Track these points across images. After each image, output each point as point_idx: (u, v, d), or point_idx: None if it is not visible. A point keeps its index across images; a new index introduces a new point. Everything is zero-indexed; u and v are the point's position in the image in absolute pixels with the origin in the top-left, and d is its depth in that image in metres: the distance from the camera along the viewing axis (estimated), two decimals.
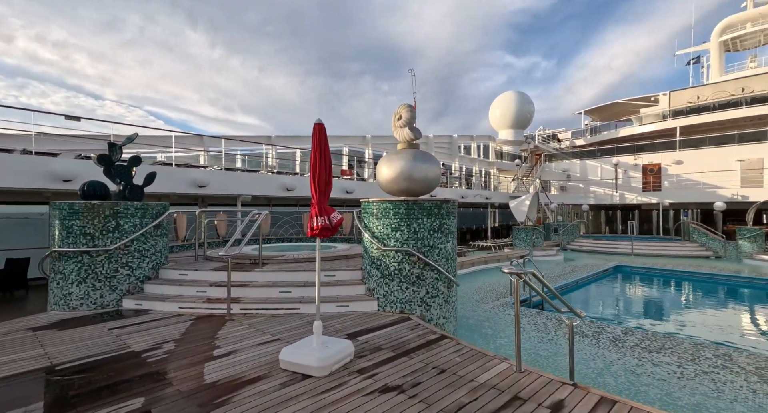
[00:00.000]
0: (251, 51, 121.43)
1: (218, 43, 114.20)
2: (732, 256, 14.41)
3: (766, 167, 20.30)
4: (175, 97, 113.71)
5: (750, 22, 28.59)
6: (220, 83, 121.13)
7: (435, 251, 5.04)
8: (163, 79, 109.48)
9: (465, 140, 26.43)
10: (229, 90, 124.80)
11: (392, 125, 5.68)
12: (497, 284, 9.34)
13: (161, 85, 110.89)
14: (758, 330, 6.93)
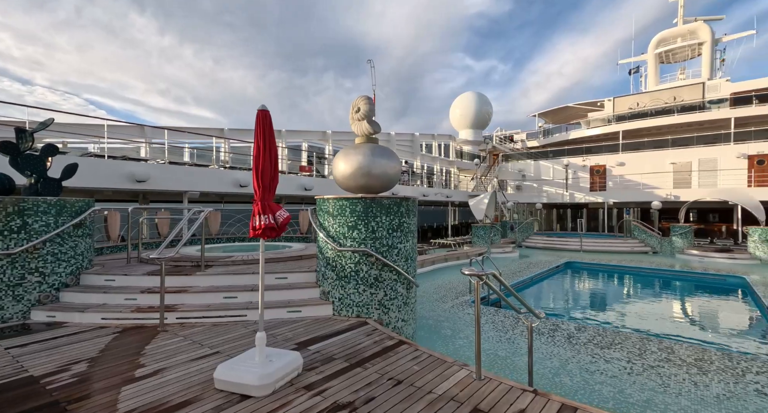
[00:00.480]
0: (206, 41, 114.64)
1: (169, 30, 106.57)
2: (667, 251, 15.65)
3: (694, 169, 22.34)
4: (119, 85, 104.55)
5: (680, 37, 31.31)
6: (171, 73, 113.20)
7: (394, 251, 4.81)
8: (106, 66, 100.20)
9: (427, 138, 26.64)
10: (182, 81, 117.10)
11: (350, 118, 5.37)
12: (457, 283, 9.34)
13: (103, 72, 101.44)
14: (691, 320, 7.43)
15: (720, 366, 4.25)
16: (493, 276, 3.06)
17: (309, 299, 4.89)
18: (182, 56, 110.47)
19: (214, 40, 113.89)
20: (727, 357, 4.53)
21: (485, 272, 2.99)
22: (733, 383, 3.85)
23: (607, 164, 24.98)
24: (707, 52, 29.59)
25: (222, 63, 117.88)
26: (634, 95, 30.24)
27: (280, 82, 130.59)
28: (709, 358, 4.49)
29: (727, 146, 21.95)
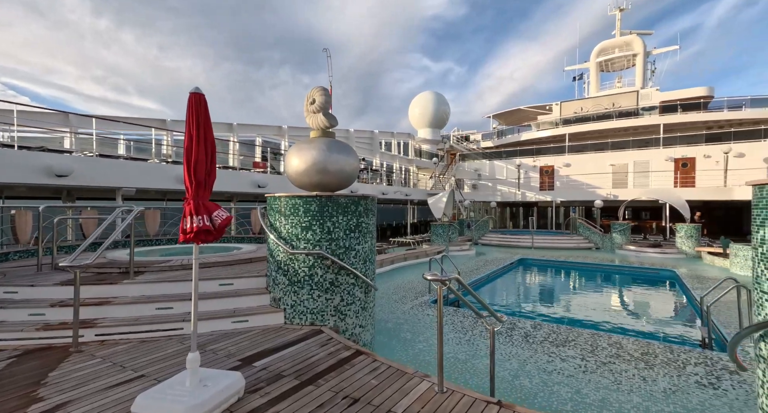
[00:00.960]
0: (149, 25, 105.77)
1: (105, 11, 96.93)
2: (608, 247, 16.80)
3: (630, 171, 24.25)
4: (45, 69, 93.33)
5: (617, 48, 33.89)
6: (108, 59, 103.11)
7: (351, 253, 4.51)
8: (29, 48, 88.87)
9: (386, 136, 26.52)
10: (121, 68, 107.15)
11: (305, 111, 4.98)
12: (416, 282, 9.24)
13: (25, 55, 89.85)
14: (632, 313, 7.90)
15: (663, 360, 4.44)
16: (456, 281, 2.88)
17: (258, 307, 4.45)
18: (121, 41, 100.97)
19: (159, 25, 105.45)
20: (669, 349, 4.77)
21: (448, 276, 2.80)
22: (676, 376, 4.01)
23: (555, 164, 26.41)
24: (640, 63, 32.25)
25: (168, 51, 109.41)
26: (579, 100, 32.28)
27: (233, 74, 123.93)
28: (653, 352, 4.69)
29: (657, 149, 24.04)
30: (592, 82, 34.95)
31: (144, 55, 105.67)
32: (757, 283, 2.01)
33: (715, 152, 21.84)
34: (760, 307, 1.99)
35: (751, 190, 2.13)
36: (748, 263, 10.39)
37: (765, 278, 1.91)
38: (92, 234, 4.10)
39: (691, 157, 22.84)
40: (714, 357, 4.53)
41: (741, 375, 4.02)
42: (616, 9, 35.19)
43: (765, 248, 1.91)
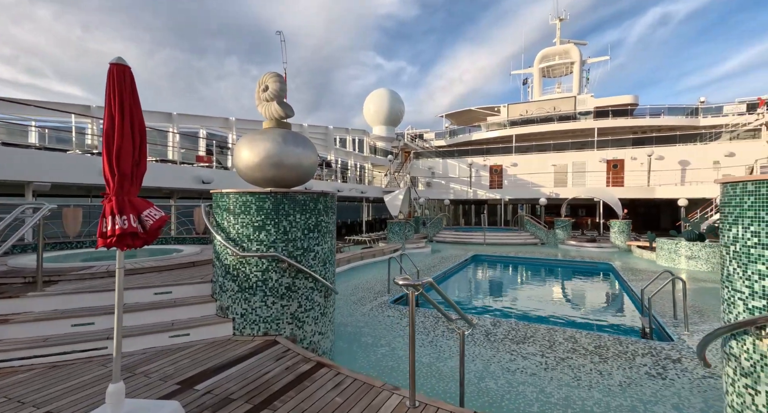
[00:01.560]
0: (70, 2, 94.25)
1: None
2: (551, 242, 17.87)
3: (569, 171, 26.07)
4: None
5: (557, 56, 36.29)
6: (20, 36, 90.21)
7: (310, 254, 4.15)
8: None
9: (340, 132, 25.99)
10: (37, 48, 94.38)
11: (256, 99, 4.51)
12: (374, 282, 9.02)
13: None
14: (579, 305, 8.34)
15: (614, 352, 4.63)
16: (429, 284, 2.68)
17: (202, 317, 3.94)
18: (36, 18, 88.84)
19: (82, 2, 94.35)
20: (618, 341, 5.00)
21: (421, 280, 2.58)
22: (628, 368, 4.18)
23: (504, 164, 27.66)
24: (577, 71, 34.78)
25: (93, 31, 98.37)
26: (524, 103, 34.09)
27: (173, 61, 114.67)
28: (605, 344, 4.89)
29: (592, 151, 26.08)
30: (535, 87, 37.10)
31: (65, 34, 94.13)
32: (728, 281, 2.02)
33: (640, 154, 24.16)
34: (731, 305, 1.99)
35: (720, 188, 2.14)
36: (671, 255, 11.52)
37: (738, 277, 1.91)
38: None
39: (620, 159, 25.06)
40: (657, 347, 4.82)
41: (682, 364, 4.29)
42: (556, 19, 37.64)
43: (738, 247, 1.90)
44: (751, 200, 1.84)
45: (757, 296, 1.81)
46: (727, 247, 2.03)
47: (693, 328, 5.57)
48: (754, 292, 1.83)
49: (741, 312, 1.91)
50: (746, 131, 23.65)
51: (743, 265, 1.89)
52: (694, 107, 27.82)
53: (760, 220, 1.79)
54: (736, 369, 1.93)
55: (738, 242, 1.92)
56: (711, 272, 10.43)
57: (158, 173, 10.53)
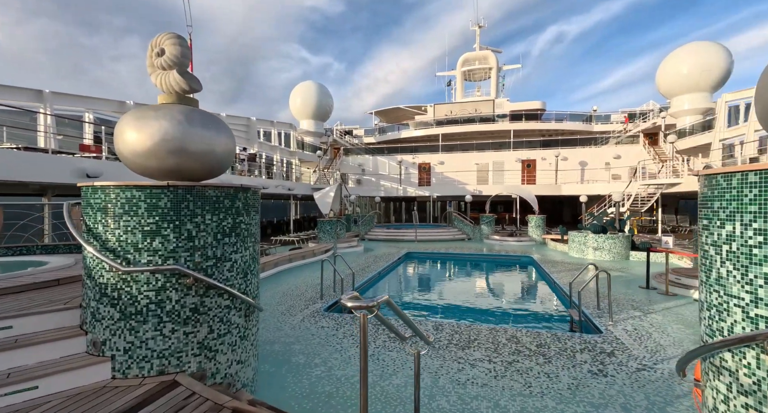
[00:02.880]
0: None
1: None
2: (477, 238, 18.70)
3: (490, 169, 27.79)
4: None
5: (477, 61, 38.60)
6: None
7: (225, 265, 3.30)
8: None
9: (265, 125, 24.14)
10: None
11: (148, 66, 3.49)
12: (305, 287, 8.22)
13: None
14: (510, 300, 8.57)
15: (555, 350, 4.60)
16: (386, 303, 2.11)
17: (62, 359, 2.86)
18: None
19: None
20: (555, 338, 5.02)
21: (375, 300, 2.01)
22: (571, 367, 4.13)
23: (431, 162, 28.43)
24: (494, 76, 37.35)
25: None
26: (449, 104, 35.56)
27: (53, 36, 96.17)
28: (545, 342, 4.86)
29: (509, 152, 28.12)
30: (458, 89, 38.99)
31: None
32: (718, 285, 1.81)
33: (549, 155, 26.69)
34: (723, 312, 1.78)
35: (701, 181, 1.94)
36: (581, 247, 12.66)
37: (735, 281, 1.69)
38: None
39: (533, 159, 27.43)
40: (590, 341, 4.93)
41: (616, 357, 4.40)
42: (476, 25, 39.98)
43: (735, 246, 1.68)
44: (754, 193, 1.61)
45: (762, 303, 1.60)
46: (717, 246, 1.81)
47: (615, 318, 5.91)
48: (758, 299, 1.62)
49: (739, 321, 1.70)
50: (627, 137, 27.52)
51: (742, 267, 1.67)
52: (589, 115, 31.74)
53: (766, 215, 1.56)
54: (732, 385, 1.72)
55: (735, 240, 1.69)
56: (613, 261, 11.67)
57: (22, 164, 8.32)
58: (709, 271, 1.88)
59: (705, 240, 1.92)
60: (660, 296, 7.36)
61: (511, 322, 6.62)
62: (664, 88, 23.59)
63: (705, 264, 1.92)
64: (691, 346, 4.72)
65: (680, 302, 6.91)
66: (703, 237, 1.93)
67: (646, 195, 20.57)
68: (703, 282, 1.95)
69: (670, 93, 23.54)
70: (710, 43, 22.01)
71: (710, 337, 1.88)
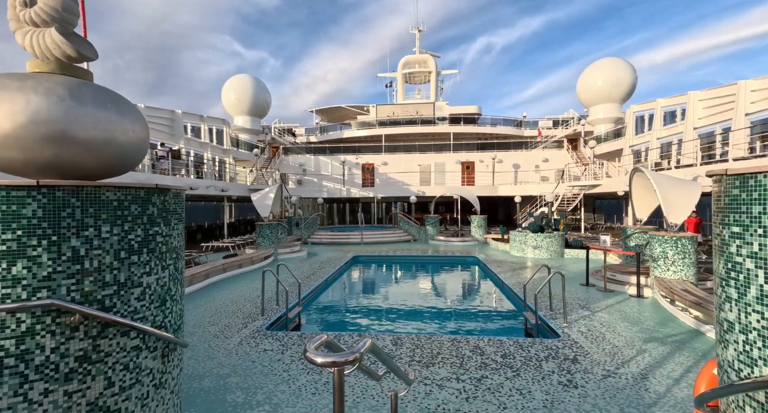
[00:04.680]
0: None
1: None
2: (423, 239, 18.74)
3: (432, 171, 28.32)
4: None
5: (418, 64, 39.36)
6: None
7: (134, 292, 2.46)
8: None
9: (193, 119, 21.83)
10: None
11: (10, 20, 2.53)
12: (243, 300, 7.25)
13: None
14: (466, 305, 8.44)
15: (521, 360, 4.39)
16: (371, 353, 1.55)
17: None
18: None
19: None
20: (518, 345, 4.84)
21: (357, 350, 1.44)
22: (540, 379, 3.92)
23: (375, 163, 28.16)
24: (433, 80, 38.35)
25: None
26: (391, 105, 35.67)
27: None
28: (509, 351, 4.64)
29: (450, 154, 28.93)
30: (399, 91, 39.37)
31: None
32: (762, 305, 1.53)
33: (486, 158, 27.94)
34: (766, 338, 1.50)
35: (719, 182, 1.68)
36: (521, 246, 13.15)
37: None
38: None
39: (471, 161, 28.51)
40: (550, 346, 4.83)
41: (580, 364, 4.30)
42: (415, 29, 40.75)
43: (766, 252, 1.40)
44: None
45: None
46: (758, 258, 1.54)
47: (568, 318, 5.95)
48: None
49: None
50: (553, 142, 29.88)
51: None
52: (520, 120, 33.97)
53: None
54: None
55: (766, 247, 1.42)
56: (551, 258, 12.29)
57: None
58: (744, 287, 1.62)
59: (736, 250, 1.66)
60: (600, 293, 7.71)
61: (463, 323, 6.41)
62: (583, 98, 25.97)
63: (737, 279, 1.66)
64: (643, 346, 4.83)
65: (618, 298, 7.28)
66: (733, 247, 1.68)
67: (571, 196, 22.39)
68: (732, 299, 1.69)
69: (587, 103, 25.97)
70: (619, 60, 24.71)
71: (748, 366, 1.62)
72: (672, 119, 18.64)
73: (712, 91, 15.55)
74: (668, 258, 7.25)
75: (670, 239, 7.26)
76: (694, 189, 7.92)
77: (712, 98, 15.46)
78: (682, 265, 7.16)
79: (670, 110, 18.86)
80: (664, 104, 19.04)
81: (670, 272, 7.24)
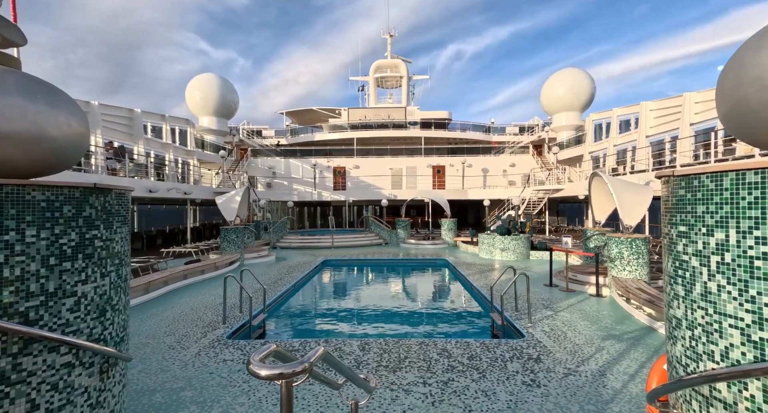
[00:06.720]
0: None
1: None
2: (394, 242, 18.75)
3: (404, 174, 28.48)
4: None
5: (389, 69, 39.62)
6: None
7: (65, 302, 2.23)
8: None
9: (153, 119, 20.77)
10: None
11: None
12: (203, 308, 6.89)
13: None
14: (434, 307, 8.46)
15: (486, 361, 4.41)
16: (321, 360, 1.44)
17: None
18: None
19: None
20: (484, 346, 4.87)
21: (306, 361, 1.33)
22: (505, 380, 3.94)
23: (347, 166, 27.97)
24: (405, 85, 38.73)
25: None
26: (363, 109, 35.66)
27: None
28: (476, 353, 4.65)
29: (421, 157, 29.23)
30: (371, 95, 39.45)
31: None
32: (705, 301, 1.58)
33: (456, 162, 28.45)
34: (714, 334, 1.55)
35: (667, 183, 1.72)
36: (489, 248, 13.42)
37: (730, 298, 1.46)
38: None
39: (442, 165, 28.94)
40: (515, 346, 4.89)
41: (543, 363, 4.37)
42: (387, 34, 41.08)
43: (731, 257, 1.45)
44: (753, 196, 1.39)
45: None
46: (701, 257, 1.59)
47: (533, 318, 6.08)
48: (762, 320, 1.39)
49: (738, 345, 1.47)
50: (519, 148, 30.93)
51: (741, 282, 1.45)
52: (488, 126, 34.92)
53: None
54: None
55: (729, 250, 1.46)
56: (517, 260, 12.61)
57: None
58: (690, 284, 1.67)
59: (682, 249, 1.70)
60: (562, 293, 7.96)
61: (432, 326, 6.40)
62: (546, 106, 27.08)
63: (683, 277, 1.71)
64: (601, 343, 5.00)
65: (579, 298, 7.55)
66: (680, 246, 1.72)
67: (536, 199, 23.20)
68: (680, 297, 1.74)
69: (551, 110, 27.11)
70: (580, 70, 26.01)
71: (694, 361, 1.66)
72: (627, 128, 19.80)
73: (661, 102, 16.66)
74: (624, 258, 7.61)
75: (625, 241, 7.63)
76: (646, 193, 8.38)
77: (662, 109, 16.57)
78: (636, 265, 7.53)
79: (625, 118, 20.02)
80: (619, 113, 20.19)
81: (625, 271, 7.59)
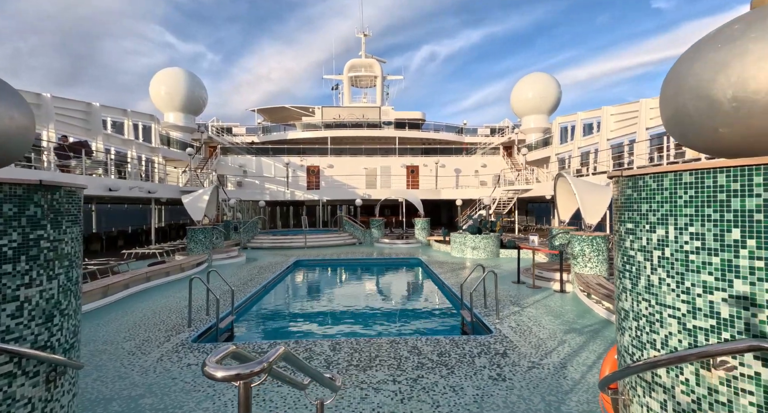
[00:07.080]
0: None
1: None
2: (368, 241, 18.75)
3: (378, 174, 28.54)
4: None
5: (364, 68, 39.55)
6: None
7: (6, 307, 2.08)
8: None
9: (114, 113, 19.70)
10: None
11: None
12: (167, 312, 6.62)
13: None
14: (406, 306, 8.53)
15: (455, 357, 4.50)
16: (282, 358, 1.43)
17: None
18: None
19: None
20: (453, 343, 4.97)
21: (263, 360, 1.32)
22: (472, 375, 4.04)
23: (320, 165, 27.70)
24: (379, 85, 38.80)
25: None
26: (337, 108, 35.42)
27: None
28: (445, 349, 4.74)
29: (395, 157, 29.40)
30: (345, 94, 39.25)
31: None
32: (648, 293, 1.69)
33: (430, 162, 28.82)
34: (655, 324, 1.66)
35: (616, 183, 1.83)
36: (461, 247, 13.69)
37: (670, 290, 1.58)
38: None
39: (416, 165, 29.23)
40: (483, 342, 5.03)
41: (509, 357, 4.52)
42: (361, 33, 40.99)
43: (669, 252, 1.57)
44: (689, 195, 1.51)
45: (701, 314, 1.50)
46: (645, 252, 1.70)
47: (500, 315, 6.26)
48: (696, 309, 1.51)
49: (675, 333, 1.58)
50: (491, 149, 31.74)
51: (678, 275, 1.56)
52: (461, 127, 35.58)
53: (704, 218, 1.47)
54: (667, 403, 1.60)
55: (668, 246, 1.57)
56: (488, 258, 12.94)
57: None
58: (636, 278, 1.78)
59: (629, 245, 1.81)
60: (529, 289, 8.25)
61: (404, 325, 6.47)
62: (516, 108, 27.95)
63: (630, 271, 1.82)
64: (563, 337, 5.23)
65: (545, 294, 7.85)
66: (627, 242, 1.83)
67: (506, 199, 23.89)
68: (627, 290, 1.85)
69: (520, 113, 28.00)
70: (547, 75, 27.02)
71: (639, 349, 1.77)
72: (590, 131, 20.76)
73: (620, 107, 17.61)
74: (585, 255, 7.99)
75: (587, 238, 8.01)
76: (606, 193, 8.83)
77: (621, 114, 17.51)
78: (596, 261, 7.93)
79: (588, 122, 20.99)
80: (583, 117, 21.14)
81: (587, 268, 7.97)
